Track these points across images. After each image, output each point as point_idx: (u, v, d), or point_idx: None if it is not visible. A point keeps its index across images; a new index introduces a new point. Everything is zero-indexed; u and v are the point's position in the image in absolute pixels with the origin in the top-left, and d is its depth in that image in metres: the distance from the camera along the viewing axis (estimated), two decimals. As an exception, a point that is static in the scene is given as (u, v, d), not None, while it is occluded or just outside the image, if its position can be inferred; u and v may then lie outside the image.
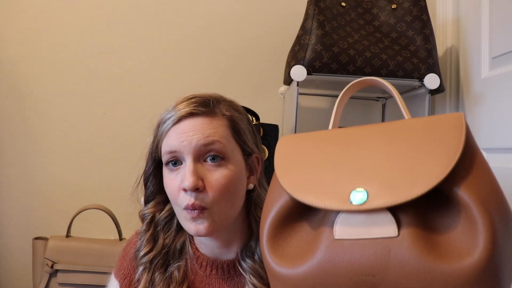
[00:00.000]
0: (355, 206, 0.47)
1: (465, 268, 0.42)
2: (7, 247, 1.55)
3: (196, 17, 1.59)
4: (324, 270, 0.48)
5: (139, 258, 0.77)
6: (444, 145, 0.47)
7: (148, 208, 0.79)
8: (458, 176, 0.45)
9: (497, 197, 0.46)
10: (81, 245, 1.34)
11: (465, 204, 0.44)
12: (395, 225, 0.46)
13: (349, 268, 0.47)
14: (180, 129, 0.70)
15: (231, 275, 0.77)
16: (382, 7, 1.32)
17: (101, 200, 1.46)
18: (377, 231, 0.46)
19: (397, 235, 0.45)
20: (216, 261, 0.77)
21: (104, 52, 1.57)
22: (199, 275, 0.77)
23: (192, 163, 0.68)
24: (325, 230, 0.50)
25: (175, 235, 0.79)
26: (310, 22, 1.27)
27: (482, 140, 1.21)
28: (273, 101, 1.58)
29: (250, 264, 0.75)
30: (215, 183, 0.68)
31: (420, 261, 0.44)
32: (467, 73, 1.31)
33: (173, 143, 0.70)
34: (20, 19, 1.55)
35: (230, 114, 0.74)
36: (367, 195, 0.47)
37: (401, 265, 0.45)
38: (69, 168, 1.56)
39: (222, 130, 0.71)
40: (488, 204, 0.44)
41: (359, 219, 0.47)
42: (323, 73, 1.22)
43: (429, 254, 0.44)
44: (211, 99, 0.74)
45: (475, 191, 0.45)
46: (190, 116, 0.70)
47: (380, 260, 0.45)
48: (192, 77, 1.59)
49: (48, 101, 1.56)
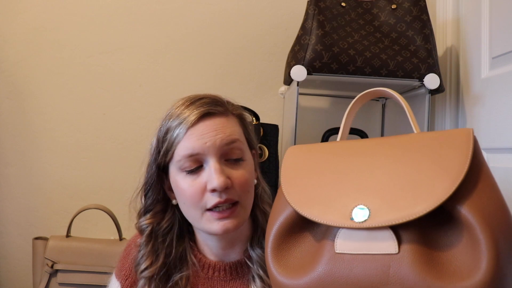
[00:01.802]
0: (357, 223, 0.47)
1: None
2: (7, 247, 1.55)
3: (196, 17, 1.59)
4: (324, 282, 0.49)
5: (139, 272, 0.76)
6: (449, 163, 0.46)
7: (147, 219, 0.77)
8: (462, 194, 0.44)
9: (502, 217, 0.44)
10: (81, 245, 1.34)
11: (468, 224, 0.43)
12: (395, 242, 0.46)
13: (349, 282, 0.47)
14: (200, 130, 0.69)
15: (233, 277, 0.77)
16: (382, 7, 1.32)
17: (101, 200, 1.46)
18: (378, 247, 0.46)
19: (397, 252, 0.45)
20: (219, 263, 0.77)
21: (104, 52, 1.57)
22: (201, 277, 0.77)
23: (217, 163, 0.68)
24: (327, 243, 0.50)
25: (176, 244, 0.78)
26: (310, 22, 1.27)
27: (482, 140, 1.21)
28: (273, 101, 1.59)
29: (260, 253, 0.76)
30: (242, 178, 0.70)
31: (420, 279, 0.43)
32: (467, 73, 1.31)
33: (195, 145, 0.69)
34: (20, 19, 1.55)
35: (239, 112, 0.76)
36: (369, 213, 0.47)
37: (400, 282, 0.44)
38: (69, 168, 1.56)
39: (237, 128, 0.73)
40: (493, 225, 0.42)
41: (361, 235, 0.48)
42: (323, 73, 1.22)
43: (429, 272, 0.43)
44: (221, 99, 0.75)
45: (479, 210, 0.43)
46: (207, 117, 0.70)
47: (379, 276, 0.46)
48: (192, 77, 1.59)
49: (48, 101, 1.56)
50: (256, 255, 0.76)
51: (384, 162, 0.51)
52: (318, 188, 0.53)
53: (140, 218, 0.78)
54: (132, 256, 0.80)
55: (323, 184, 0.53)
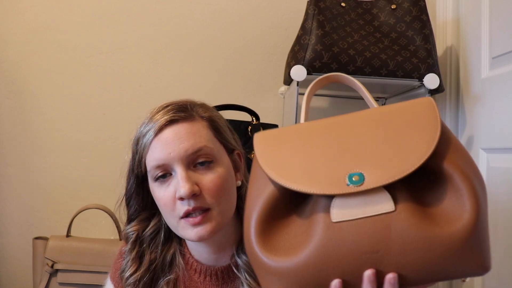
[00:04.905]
0: (354, 188, 0.48)
1: (458, 230, 0.47)
2: (7, 247, 1.55)
3: (196, 17, 1.59)
4: (324, 254, 0.48)
5: (124, 279, 0.75)
6: (424, 126, 0.51)
7: (132, 226, 0.77)
8: (440, 152, 0.50)
9: (473, 167, 0.51)
10: (81, 245, 1.34)
11: (450, 176, 0.49)
12: (392, 201, 0.48)
13: (351, 248, 0.47)
14: (164, 140, 0.69)
15: (225, 281, 0.76)
16: (382, 7, 1.32)
17: (102, 200, 1.46)
18: (375, 208, 0.48)
19: (394, 209, 0.48)
20: (210, 268, 0.76)
21: (104, 52, 1.57)
22: (194, 281, 0.77)
23: (183, 171, 0.67)
24: (319, 216, 0.49)
25: (163, 249, 0.77)
26: (310, 22, 1.27)
27: (482, 140, 1.21)
28: (273, 101, 1.59)
29: (245, 260, 0.74)
30: (211, 184, 0.68)
31: (419, 230, 0.47)
32: (467, 73, 1.31)
33: (160, 156, 0.68)
34: (20, 19, 1.55)
35: (208, 114, 0.73)
36: (363, 177, 0.49)
37: (402, 237, 0.47)
38: (69, 168, 1.56)
39: (205, 132, 0.71)
40: (468, 173, 0.49)
41: (356, 201, 0.49)
42: (323, 73, 1.22)
43: (426, 223, 0.47)
44: (187, 103, 0.73)
45: (456, 163, 0.50)
46: (170, 124, 0.69)
47: (381, 235, 0.47)
48: (192, 77, 1.59)
49: (48, 101, 1.56)
50: (242, 262, 0.74)
51: (363, 131, 0.53)
52: (303, 161, 0.52)
53: (126, 226, 0.79)
54: (119, 263, 0.80)
55: (307, 157, 0.53)
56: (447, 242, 0.47)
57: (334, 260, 0.48)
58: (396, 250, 0.47)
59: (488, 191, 0.52)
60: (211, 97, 1.56)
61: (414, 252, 0.47)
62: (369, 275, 0.47)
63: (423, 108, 0.53)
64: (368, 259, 0.47)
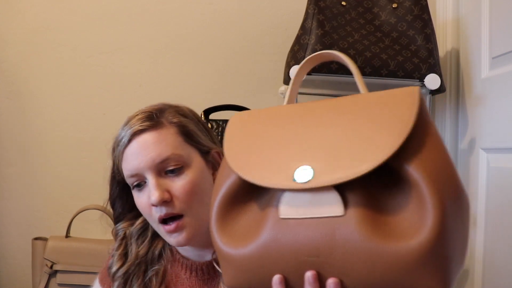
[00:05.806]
0: (300, 184, 0.45)
1: (411, 249, 0.40)
2: (7, 247, 1.55)
3: (196, 17, 1.59)
4: (268, 249, 0.47)
5: (111, 274, 0.78)
6: (395, 120, 0.44)
7: (120, 224, 0.80)
8: (409, 152, 0.43)
9: (449, 175, 0.43)
10: (81, 246, 1.34)
11: (415, 182, 0.42)
12: (341, 204, 0.44)
13: (293, 248, 0.45)
14: (132, 150, 0.71)
15: (211, 276, 0.77)
16: (383, 6, 1.31)
17: (102, 200, 1.46)
18: (323, 210, 0.44)
19: (343, 214, 0.43)
20: (196, 263, 0.77)
21: (104, 52, 1.57)
22: (181, 277, 0.78)
23: (154, 178, 0.69)
24: (271, 209, 0.48)
25: (151, 243, 0.80)
26: (310, 21, 1.26)
27: (482, 140, 1.21)
28: (273, 101, 1.58)
29: None
30: (181, 190, 0.69)
31: (365, 242, 0.42)
32: (467, 73, 1.31)
33: (131, 166, 0.71)
34: (20, 19, 1.55)
35: (177, 120, 0.74)
36: (313, 173, 0.45)
37: (346, 245, 0.43)
38: (69, 168, 1.55)
39: (172, 139, 0.72)
40: (439, 182, 0.42)
41: (305, 198, 0.45)
42: (323, 73, 1.22)
43: (376, 234, 0.42)
44: (154, 110, 0.75)
45: (426, 168, 0.42)
46: (139, 134, 0.71)
47: (325, 240, 0.44)
48: (192, 77, 1.58)
49: (48, 101, 1.56)
50: None
51: (329, 122, 0.48)
52: (263, 152, 0.50)
53: (115, 224, 0.82)
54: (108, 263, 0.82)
55: (267, 148, 0.50)
56: (395, 259, 0.41)
57: (276, 258, 0.47)
58: (339, 257, 0.43)
59: (488, 191, 0.51)
60: (211, 97, 1.57)
61: (357, 264, 0.43)
62: (309, 276, 0.45)
63: (402, 99, 0.46)
64: (308, 261, 0.45)
